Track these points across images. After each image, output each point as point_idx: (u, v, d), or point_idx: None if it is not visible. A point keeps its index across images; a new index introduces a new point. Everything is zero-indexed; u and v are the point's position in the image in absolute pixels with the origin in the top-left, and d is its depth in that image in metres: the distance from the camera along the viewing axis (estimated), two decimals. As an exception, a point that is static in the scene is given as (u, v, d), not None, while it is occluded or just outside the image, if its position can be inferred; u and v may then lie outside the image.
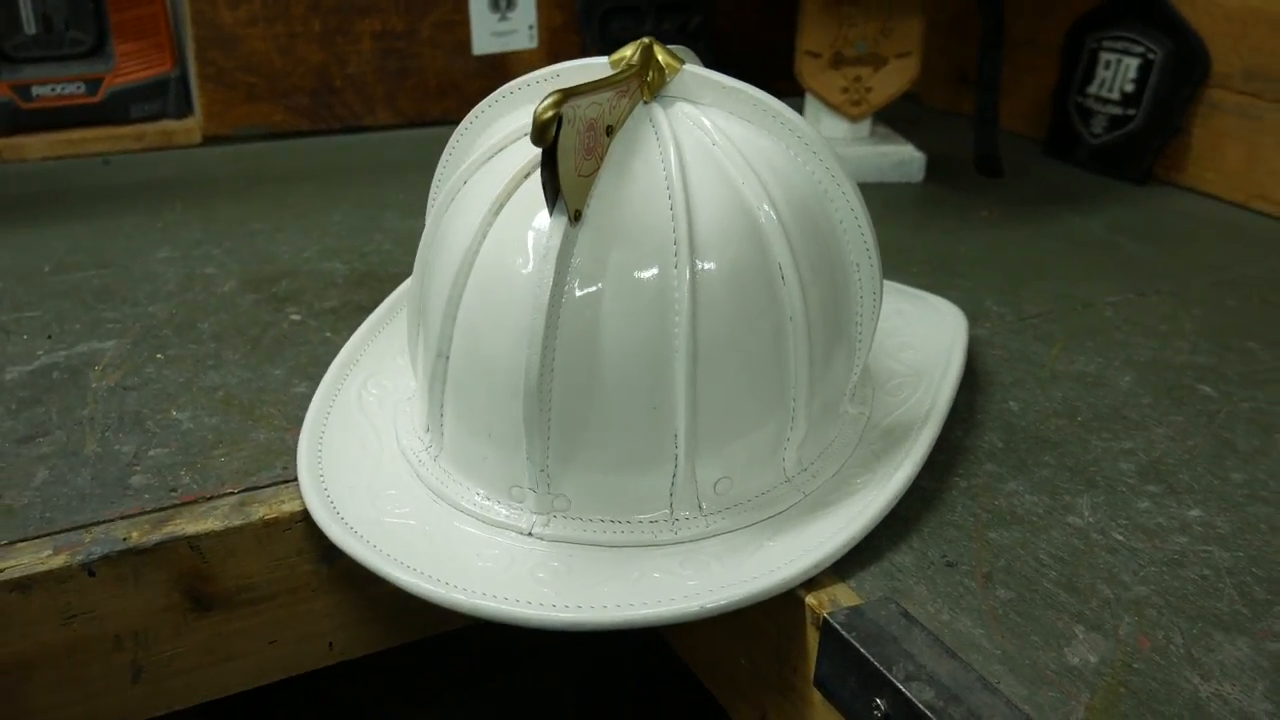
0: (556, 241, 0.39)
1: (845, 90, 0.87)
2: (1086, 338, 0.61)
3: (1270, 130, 0.83)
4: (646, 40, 0.43)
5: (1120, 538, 0.44)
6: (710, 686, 0.47)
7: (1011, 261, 0.73)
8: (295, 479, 0.45)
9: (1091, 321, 0.64)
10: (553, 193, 0.38)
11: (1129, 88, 0.91)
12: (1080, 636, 0.38)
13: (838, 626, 0.38)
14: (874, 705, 0.36)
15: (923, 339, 0.56)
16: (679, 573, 0.40)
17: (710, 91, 0.44)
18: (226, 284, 0.63)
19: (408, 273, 0.64)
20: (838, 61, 0.86)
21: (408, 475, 0.45)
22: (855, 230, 0.44)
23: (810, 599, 0.40)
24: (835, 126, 0.88)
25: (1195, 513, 0.46)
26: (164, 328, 0.57)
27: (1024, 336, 0.61)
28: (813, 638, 0.40)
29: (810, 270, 0.42)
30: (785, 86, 0.68)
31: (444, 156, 0.49)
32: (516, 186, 0.42)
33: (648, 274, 0.40)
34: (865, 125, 0.89)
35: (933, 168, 0.88)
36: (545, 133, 0.36)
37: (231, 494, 0.44)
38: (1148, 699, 0.36)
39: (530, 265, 0.40)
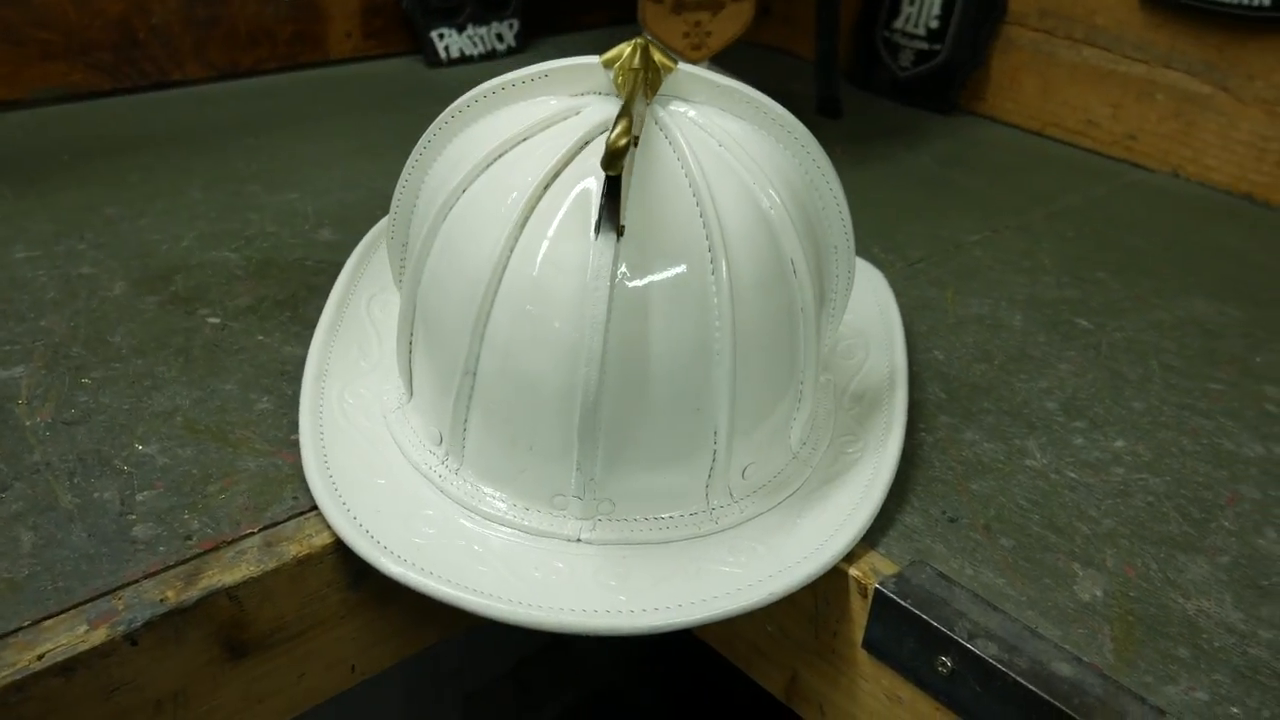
0: (608, 260, 0.39)
1: (686, 35, 0.88)
2: (969, 280, 0.67)
3: (1062, 64, 0.92)
4: (641, 41, 0.43)
5: (1073, 475, 0.50)
6: (725, 652, 0.50)
7: (874, 203, 0.78)
8: (313, 509, 0.43)
9: (967, 263, 0.70)
10: (613, 215, 0.38)
11: (934, 24, 0.97)
12: (1080, 574, 0.44)
13: (891, 595, 0.42)
14: (939, 663, 0.40)
15: (852, 299, 0.60)
16: (731, 561, 0.43)
17: (703, 90, 0.44)
18: (114, 286, 0.58)
19: (307, 257, 0.61)
20: (679, 7, 0.87)
21: (429, 491, 0.44)
22: (836, 215, 0.47)
23: (853, 571, 0.43)
24: (677, 70, 0.89)
25: (1119, 444, 0.53)
26: (71, 345, 0.52)
27: (918, 283, 0.66)
28: (858, 605, 0.43)
29: (812, 259, 0.44)
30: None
31: (414, 157, 0.47)
32: (538, 199, 0.41)
33: (688, 281, 0.41)
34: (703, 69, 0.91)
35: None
36: (618, 161, 0.36)
37: (252, 534, 0.42)
38: (1152, 623, 0.42)
39: (573, 281, 0.40)
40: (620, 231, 0.39)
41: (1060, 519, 0.47)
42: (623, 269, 0.40)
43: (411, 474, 0.45)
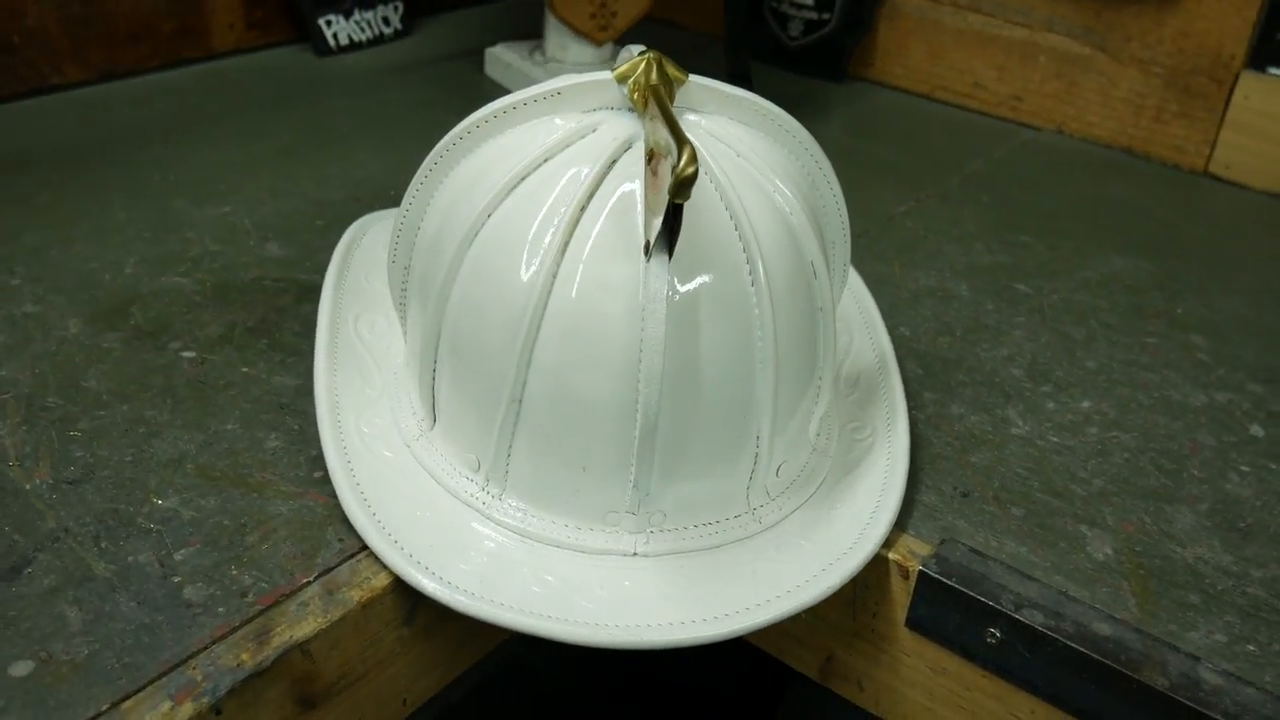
0: (664, 281, 0.39)
1: (593, 16, 0.88)
2: (910, 252, 0.70)
3: (948, 30, 0.96)
4: (652, 55, 0.44)
5: (1055, 439, 0.54)
6: (754, 641, 0.52)
7: (800, 179, 0.80)
8: (363, 550, 0.43)
9: (903, 235, 0.73)
10: (669, 241, 0.39)
11: (822, -7, 1.00)
12: (1089, 535, 0.48)
13: (936, 575, 0.44)
14: (987, 635, 0.43)
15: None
16: (780, 559, 0.44)
17: (714, 100, 0.45)
18: (68, 325, 0.54)
19: (263, 277, 0.59)
20: (585, -12, 0.87)
21: (474, 519, 0.44)
22: (835, 213, 0.48)
23: (892, 555, 0.45)
24: (583, 53, 0.89)
25: (1086, 404, 0.57)
26: (43, 395, 0.49)
27: (865, 258, 0.69)
28: (899, 586, 0.45)
29: (825, 260, 0.46)
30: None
31: (419, 181, 0.46)
32: (575, 222, 0.41)
33: (731, 291, 0.42)
34: (608, 49, 0.91)
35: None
36: (687, 189, 0.36)
37: (309, 583, 0.41)
38: (1160, 574, 0.46)
39: (623, 302, 0.40)
40: (671, 252, 0.40)
41: (1056, 483, 0.50)
42: (673, 288, 0.40)
43: (451, 503, 0.45)
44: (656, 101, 0.41)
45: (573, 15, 0.87)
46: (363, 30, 0.97)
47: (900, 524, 0.47)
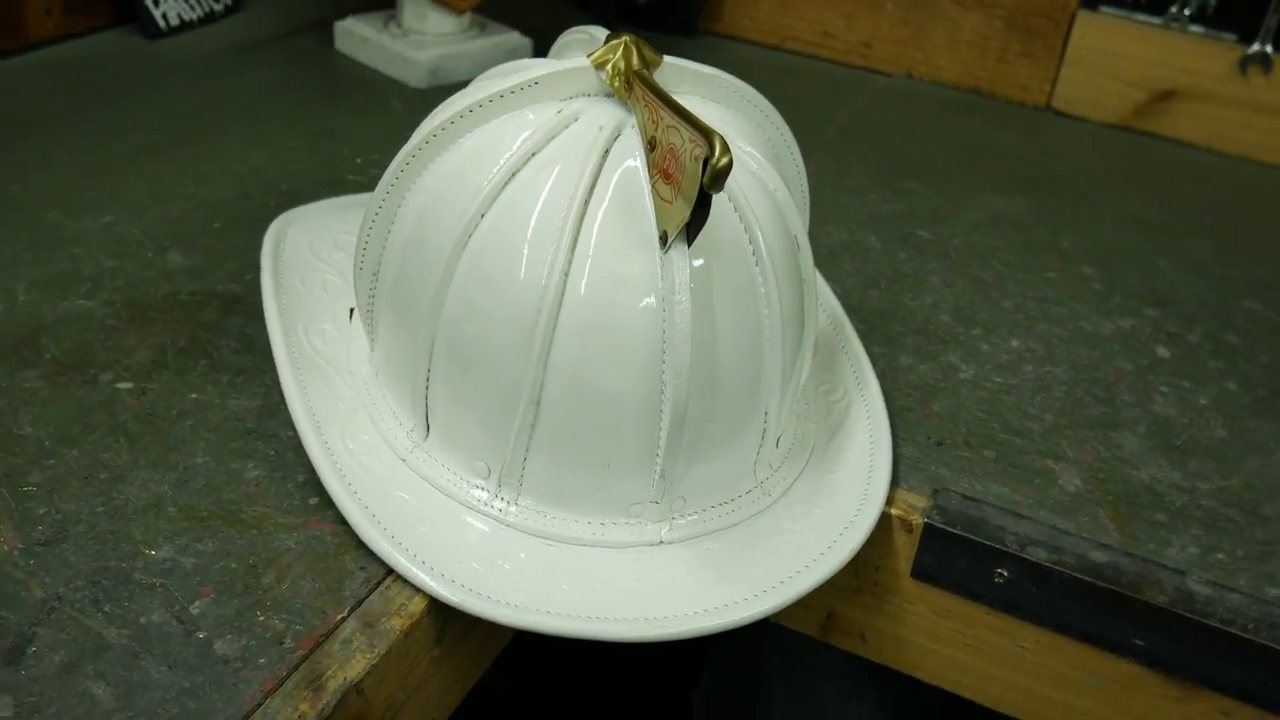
0: (686, 272, 0.39)
1: (453, -16, 0.85)
2: (814, 208, 0.72)
3: (795, -18, 0.98)
4: (629, 39, 0.43)
5: (999, 380, 0.57)
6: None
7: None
8: (388, 575, 0.41)
9: (803, 190, 0.74)
10: (697, 231, 0.38)
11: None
12: (1056, 469, 0.51)
13: (940, 525, 0.46)
14: (995, 575, 0.46)
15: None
16: (798, 529, 0.45)
17: (688, 80, 0.45)
18: (-26, 364, 0.49)
19: (177, 291, 0.56)
20: (442, -45, 0.83)
21: (493, 528, 0.43)
22: (798, 183, 0.49)
23: (893, 510, 0.47)
24: (443, 22, 0.86)
25: (1015, 343, 0.60)
26: (-25, 448, 0.45)
27: (776, 217, 0.70)
28: (902, 539, 0.47)
29: (804, 232, 0.47)
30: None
31: (389, 182, 0.44)
32: (580, 217, 0.40)
33: (739, 274, 0.42)
34: (468, 18, 0.88)
35: (536, 50, 0.91)
36: (723, 180, 0.36)
37: (344, 619, 0.39)
38: (1126, 497, 0.49)
39: (642, 296, 0.40)
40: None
41: (1013, 422, 0.53)
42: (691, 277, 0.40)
43: (464, 514, 0.43)
44: (655, 92, 0.40)
45: (432, -16, 0.84)
46: (193, 8, 0.91)
47: (893, 479, 0.48)
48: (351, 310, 0.52)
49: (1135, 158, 0.86)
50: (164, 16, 0.88)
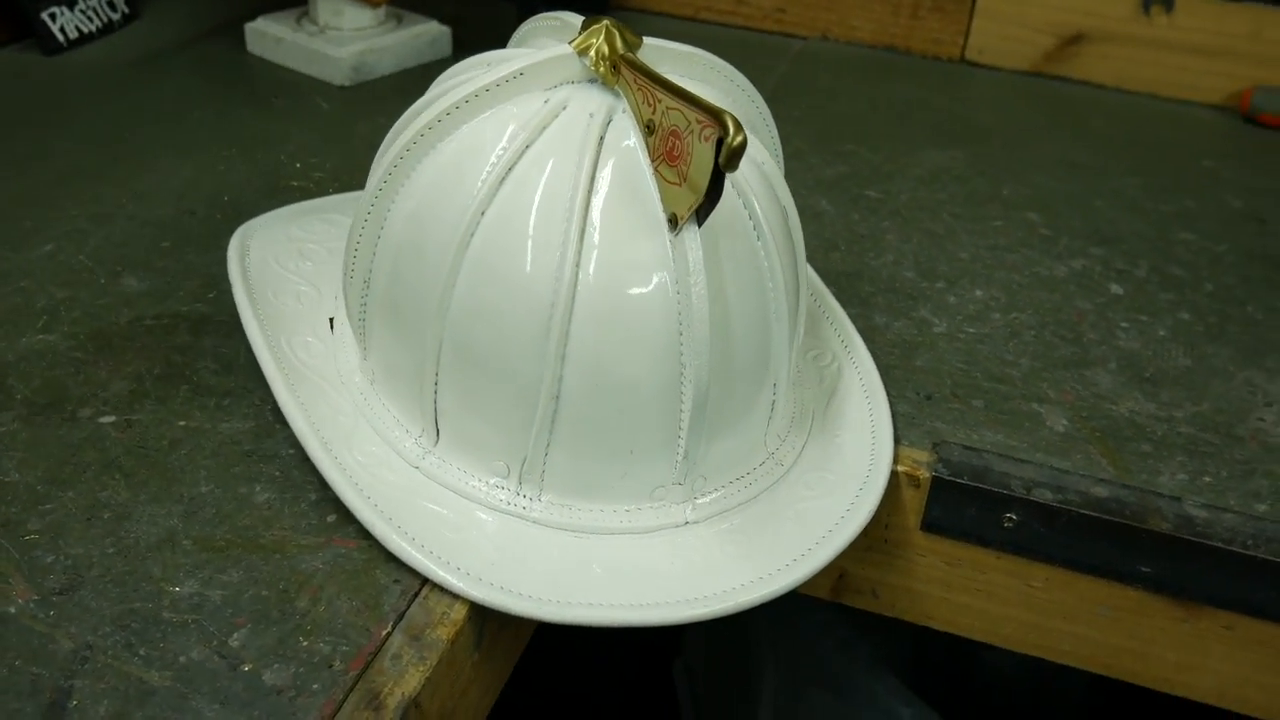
0: (699, 254, 0.39)
1: (366, -23, 0.83)
2: (762, 175, 0.73)
3: (705, -48, 0.98)
4: (610, 23, 0.43)
5: (972, 330, 0.58)
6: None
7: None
8: (424, 585, 0.40)
9: (747, 160, 0.75)
10: (709, 211, 0.38)
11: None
12: (1042, 411, 0.53)
13: (947, 477, 0.47)
14: (1004, 520, 0.47)
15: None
16: (815, 494, 0.46)
17: (668, 59, 0.45)
18: (-60, 413, 0.47)
19: (141, 317, 0.54)
20: (353, -52, 0.81)
21: (520, 527, 0.43)
22: (776, 155, 0.50)
23: (900, 468, 0.48)
24: (360, 16, 0.84)
25: (979, 293, 0.62)
26: (-37, 501, 0.42)
27: (727, 189, 0.71)
28: (910, 495, 0.48)
29: (792, 202, 0.47)
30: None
31: (377, 187, 0.44)
32: (586, 206, 0.40)
33: (745, 251, 0.42)
34: (384, 11, 0.86)
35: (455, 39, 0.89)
36: (739, 159, 0.36)
37: (389, 633, 0.38)
38: (1111, 432, 0.51)
39: (656, 279, 0.40)
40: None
41: (994, 370, 0.55)
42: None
43: (488, 515, 0.43)
44: (648, 75, 0.40)
45: (344, -21, 0.81)
46: (90, 20, 0.87)
47: (894, 436, 0.50)
48: (331, 320, 0.51)
49: (1052, 102, 0.89)
50: (62, 30, 0.84)
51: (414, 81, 0.84)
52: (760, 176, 0.44)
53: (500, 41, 0.48)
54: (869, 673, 0.65)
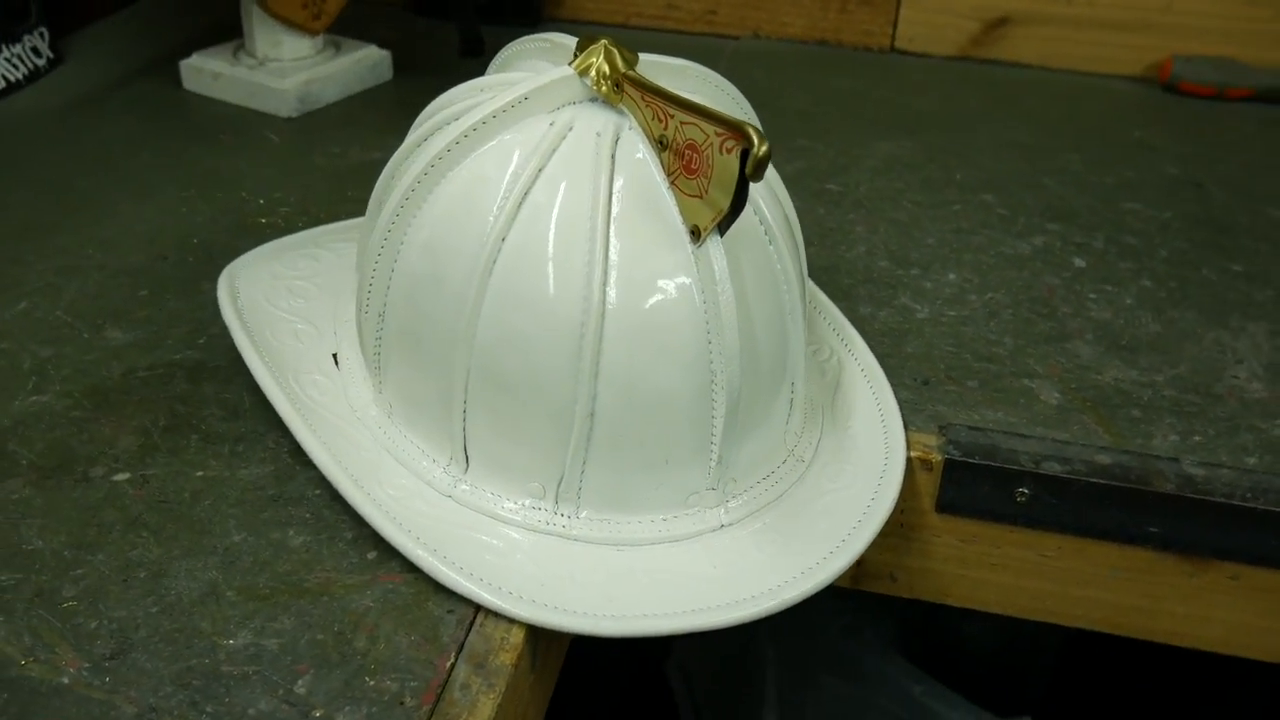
0: (724, 263, 0.40)
1: (305, 7, 0.82)
2: (724, 177, 0.74)
3: (633, -41, 0.99)
4: (608, 43, 0.44)
5: (953, 313, 0.60)
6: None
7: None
8: (477, 612, 0.41)
9: (707, 163, 0.76)
10: (732, 221, 0.39)
11: (501, -58, 0.99)
12: (1034, 386, 0.55)
13: (959, 459, 0.49)
14: (1017, 495, 0.49)
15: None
16: (838, 486, 0.47)
17: (664, 74, 0.46)
18: (-54, 486, 0.45)
19: (133, 370, 0.54)
20: (291, -22, 0.80)
21: (561, 545, 0.43)
22: (764, 159, 0.51)
23: (911, 453, 0.50)
24: (299, 46, 0.83)
25: (952, 276, 0.64)
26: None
27: (693, 193, 0.72)
28: (923, 479, 0.50)
29: (791, 205, 0.48)
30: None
31: (390, 218, 0.44)
32: (607, 223, 0.41)
33: (760, 257, 0.43)
34: (322, 39, 0.85)
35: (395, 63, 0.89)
36: (765, 169, 0.37)
37: (454, 664, 0.39)
38: (1101, 401, 0.54)
39: (683, 292, 0.41)
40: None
41: (981, 350, 0.57)
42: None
43: (526, 537, 0.43)
44: (656, 92, 0.41)
45: (285, 9, 0.80)
46: (15, 67, 0.84)
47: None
48: (335, 356, 0.50)
49: (985, 85, 0.92)
50: (-11, 79, 0.82)
51: (360, 109, 0.84)
52: (764, 181, 0.44)
53: (442, 62, 0.48)
54: (881, 655, 0.66)
